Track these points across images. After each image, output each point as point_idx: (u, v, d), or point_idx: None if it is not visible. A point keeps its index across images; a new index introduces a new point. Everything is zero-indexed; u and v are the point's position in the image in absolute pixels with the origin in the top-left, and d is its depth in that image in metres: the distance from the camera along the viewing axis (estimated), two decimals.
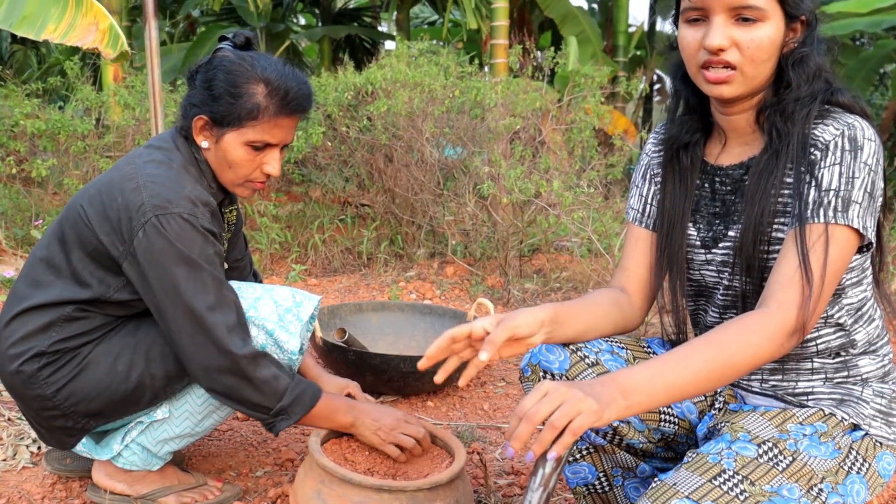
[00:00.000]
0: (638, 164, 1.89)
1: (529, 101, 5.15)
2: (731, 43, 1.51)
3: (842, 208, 1.45)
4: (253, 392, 1.86)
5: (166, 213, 1.82)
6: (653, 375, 1.36)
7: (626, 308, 1.79)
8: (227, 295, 1.88)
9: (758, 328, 1.41)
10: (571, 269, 5.09)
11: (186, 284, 1.82)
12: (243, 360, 1.83)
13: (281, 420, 1.91)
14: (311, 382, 1.97)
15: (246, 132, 1.94)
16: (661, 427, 1.75)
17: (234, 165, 1.97)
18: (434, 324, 3.45)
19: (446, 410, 2.96)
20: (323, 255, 5.40)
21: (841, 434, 1.55)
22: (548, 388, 1.31)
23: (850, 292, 1.60)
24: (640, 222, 1.84)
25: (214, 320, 1.83)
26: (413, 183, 5.43)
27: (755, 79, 1.54)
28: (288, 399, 1.89)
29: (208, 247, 1.86)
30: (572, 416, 1.26)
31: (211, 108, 1.94)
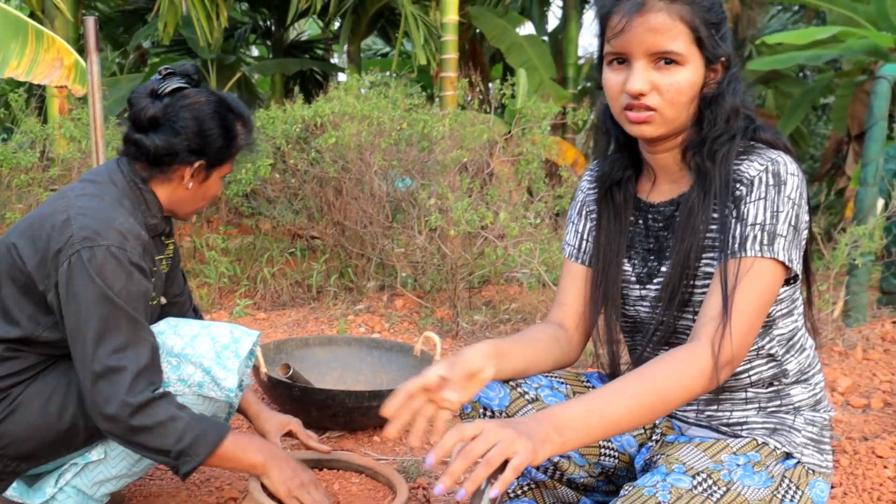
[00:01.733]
0: (573, 201, 1.92)
1: (477, 134, 5.19)
2: (652, 87, 1.54)
3: (767, 242, 1.48)
4: (148, 437, 1.79)
5: (93, 245, 1.79)
6: (587, 411, 1.37)
7: (564, 343, 1.81)
8: (141, 335, 1.83)
9: (689, 362, 1.44)
10: (521, 301, 5.11)
11: (98, 322, 1.78)
12: (134, 409, 1.76)
13: (184, 463, 1.82)
14: (218, 422, 1.90)
15: (225, 168, 2.07)
16: (602, 461, 1.76)
17: (207, 198, 2.09)
18: (381, 358, 3.44)
19: (392, 445, 2.94)
20: (272, 289, 5.36)
21: (774, 463, 1.58)
22: (481, 427, 1.30)
23: (781, 323, 1.63)
24: (575, 258, 1.86)
25: (122, 363, 1.77)
26: (362, 216, 5.43)
27: (676, 120, 1.58)
28: (187, 441, 1.81)
29: (132, 284, 1.83)
30: (505, 458, 1.26)
31: (209, 155, 2.01)
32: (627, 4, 1.53)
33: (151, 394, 1.80)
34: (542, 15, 14.12)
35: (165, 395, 1.84)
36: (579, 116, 6.00)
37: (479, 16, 10.38)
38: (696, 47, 1.54)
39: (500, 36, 10.00)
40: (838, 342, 4.41)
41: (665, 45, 1.52)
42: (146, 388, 1.80)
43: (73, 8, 8.30)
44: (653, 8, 1.51)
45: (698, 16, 1.52)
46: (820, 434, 1.66)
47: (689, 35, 1.52)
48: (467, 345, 4.25)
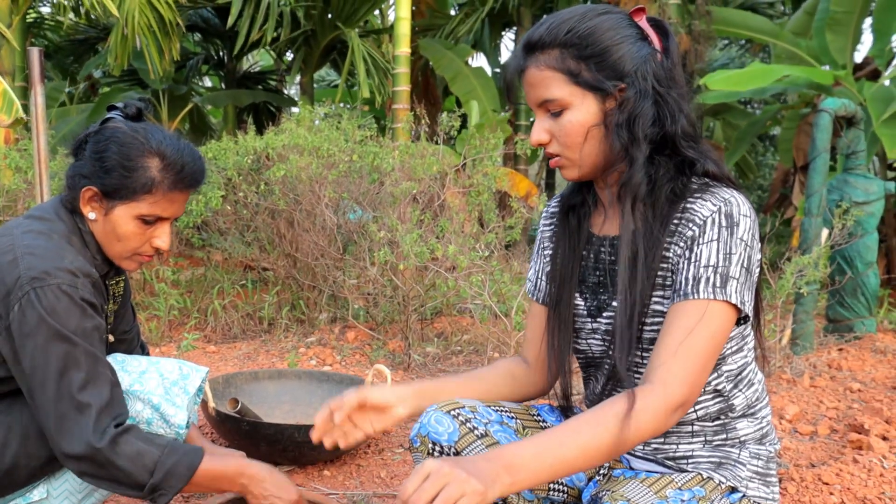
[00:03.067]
0: (536, 240, 1.95)
1: (427, 166, 5.21)
2: (550, 135, 1.61)
3: (720, 284, 1.49)
4: (120, 473, 1.77)
5: (44, 285, 1.75)
6: (539, 451, 1.38)
7: (522, 378, 1.84)
8: (101, 371, 1.81)
9: (642, 405, 1.43)
10: (473, 332, 5.11)
11: (56, 362, 1.75)
12: (102, 448, 1.74)
13: (159, 496, 1.81)
14: (190, 449, 1.87)
15: (138, 206, 1.90)
16: (551, 496, 1.77)
17: (123, 239, 1.93)
18: (332, 391, 3.42)
19: (343, 479, 2.92)
20: (223, 321, 5.30)
21: (719, 497, 1.58)
22: (430, 468, 1.31)
23: (730, 359, 1.64)
24: (534, 296, 1.89)
25: (84, 400, 1.75)
26: (314, 248, 5.41)
27: (585, 160, 1.61)
28: (159, 474, 1.79)
29: (86, 320, 1.80)
30: (455, 499, 1.27)
31: (102, 181, 1.89)
32: (512, 71, 1.64)
33: (116, 430, 1.77)
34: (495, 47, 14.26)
35: (131, 428, 1.80)
36: (527, 146, 6.05)
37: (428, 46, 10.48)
38: (576, 87, 1.56)
39: (447, 66, 10.10)
40: (786, 370, 4.47)
41: (542, 95, 1.58)
42: (110, 425, 1.77)
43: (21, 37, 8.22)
44: (528, 65, 1.59)
45: (569, 56, 1.55)
46: (766, 467, 1.68)
47: (563, 78, 1.56)
48: (419, 377, 4.26)
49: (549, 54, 1.56)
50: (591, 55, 1.55)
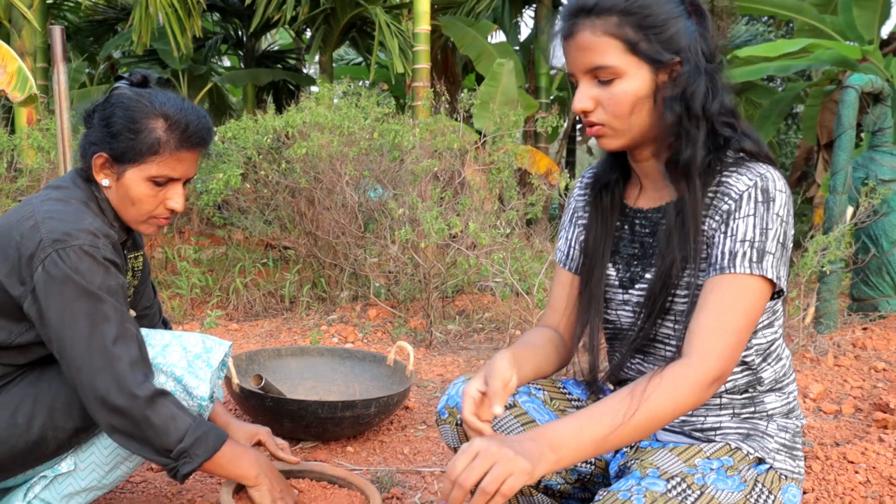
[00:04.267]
0: (566, 208, 1.94)
1: (447, 143, 5.19)
2: (595, 103, 1.57)
3: (756, 259, 1.49)
4: (152, 432, 1.78)
5: (66, 246, 1.78)
6: (580, 429, 1.38)
7: (561, 347, 1.83)
8: (128, 328, 1.83)
9: (680, 379, 1.44)
10: (494, 310, 5.11)
11: (88, 318, 1.77)
12: (141, 400, 1.76)
13: (184, 463, 1.82)
14: (215, 426, 1.90)
15: (148, 167, 1.91)
16: (579, 468, 1.77)
17: (137, 202, 1.95)
18: (354, 368, 3.43)
19: (366, 455, 2.93)
20: (245, 299, 5.33)
21: (746, 468, 1.58)
22: (478, 448, 1.32)
23: (760, 333, 1.64)
24: (565, 265, 1.88)
25: (117, 353, 1.77)
26: (335, 226, 5.41)
27: (630, 131, 1.59)
28: (189, 440, 1.81)
29: (110, 278, 1.82)
30: (504, 479, 1.28)
31: (111, 145, 1.91)
32: (560, 32, 1.59)
33: (154, 387, 1.80)
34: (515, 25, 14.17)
35: (166, 392, 1.83)
36: (548, 123, 6.02)
37: (449, 24, 10.41)
38: (633, 56, 1.54)
39: (470, 44, 10.04)
40: (809, 349, 4.44)
41: (595, 61, 1.54)
42: (146, 380, 1.79)
43: (42, 17, 8.23)
44: (580, 28, 1.55)
45: (629, 24, 1.52)
46: (792, 440, 1.67)
47: (620, 46, 1.53)
48: (441, 354, 4.26)
49: (606, 20, 1.53)
50: (651, 26, 1.53)
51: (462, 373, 3.98)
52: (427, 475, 2.75)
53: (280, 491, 1.98)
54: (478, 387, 1.53)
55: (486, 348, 4.50)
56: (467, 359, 4.26)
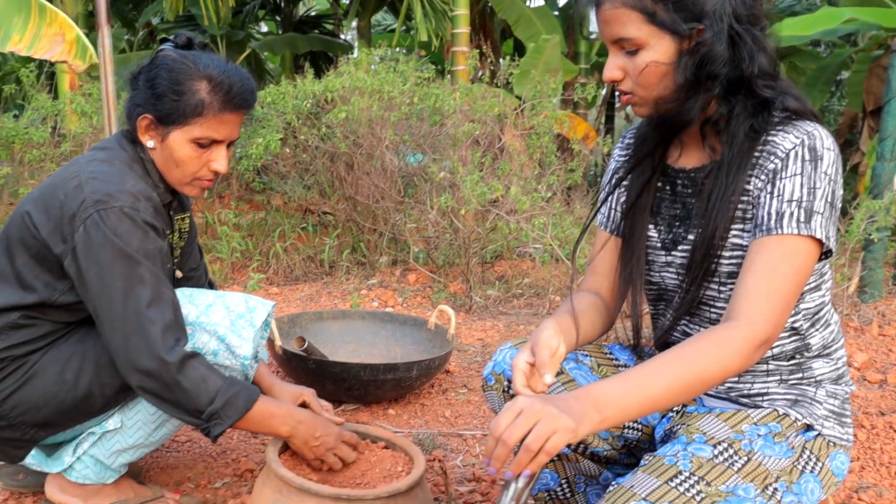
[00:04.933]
0: (607, 170, 1.91)
1: (488, 108, 5.16)
2: (624, 72, 1.56)
3: (804, 219, 1.46)
4: (182, 395, 1.81)
5: (106, 207, 1.80)
6: (625, 390, 1.37)
7: (604, 311, 1.81)
8: (164, 291, 1.85)
9: (727, 342, 1.42)
10: (533, 276, 5.10)
11: (122, 280, 1.79)
12: (172, 365, 1.78)
13: (215, 424, 1.85)
14: (248, 385, 1.91)
15: (191, 129, 1.93)
16: (625, 434, 1.76)
17: (181, 164, 1.96)
18: (395, 332, 3.44)
19: (407, 418, 2.95)
20: (284, 264, 5.36)
21: (794, 434, 1.56)
22: (522, 405, 1.31)
23: (808, 297, 1.61)
24: (605, 227, 1.86)
25: (150, 316, 1.79)
26: (374, 190, 5.42)
27: (657, 99, 1.57)
28: (220, 402, 1.83)
29: (148, 242, 1.84)
30: (548, 436, 1.28)
31: (155, 107, 1.93)
32: (588, 2, 1.59)
33: (185, 350, 1.82)
34: None
35: (197, 354, 1.85)
36: (588, 91, 5.96)
37: None
38: (653, 26, 1.51)
39: (509, 8, 9.91)
40: (854, 318, 4.39)
41: (617, 33, 1.53)
42: (177, 345, 1.81)
43: None
44: (602, 1, 1.54)
45: None
46: (841, 407, 1.65)
47: (639, 17, 1.51)
48: (481, 319, 4.27)
49: None
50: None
51: (502, 338, 3.98)
52: (468, 438, 2.76)
53: (318, 439, 1.97)
54: (526, 358, 1.53)
55: (526, 314, 4.50)
56: (507, 324, 4.26)
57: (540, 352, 1.51)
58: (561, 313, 1.72)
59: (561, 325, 1.63)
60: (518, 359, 1.53)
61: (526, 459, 1.29)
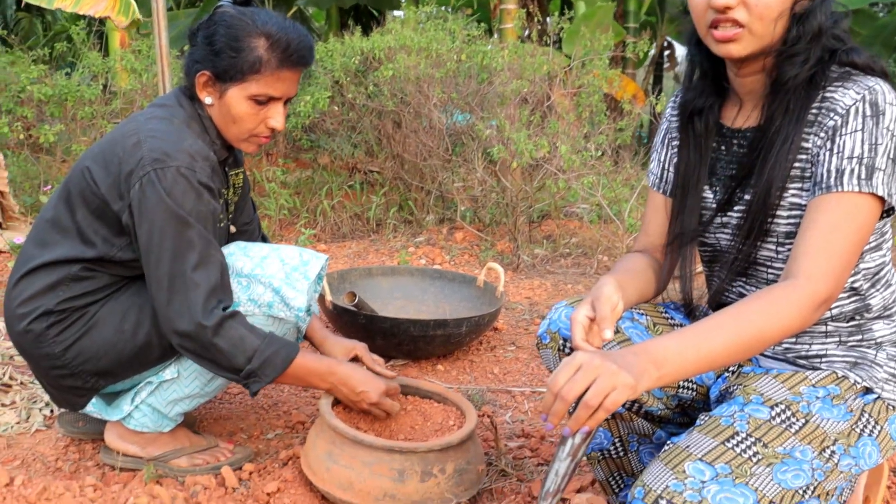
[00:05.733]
0: (658, 130, 1.88)
1: (537, 66, 5.10)
2: (739, 1, 1.47)
3: (865, 176, 1.42)
4: (219, 355, 1.85)
5: (163, 166, 1.82)
6: (685, 346, 1.35)
7: (658, 272, 1.80)
8: (212, 254, 1.87)
9: (787, 301, 1.40)
10: (581, 235, 5.07)
11: (172, 241, 1.82)
12: (209, 328, 1.82)
13: (253, 382, 1.90)
14: (287, 343, 1.94)
15: (249, 86, 1.93)
16: (680, 393, 1.75)
17: (239, 120, 1.97)
18: (444, 288, 3.45)
19: (456, 374, 2.96)
20: (332, 221, 5.39)
21: (853, 397, 1.54)
22: (581, 361, 1.31)
23: (868, 257, 1.58)
24: (658, 188, 1.84)
25: (195, 280, 1.82)
26: (422, 148, 5.41)
27: (764, 37, 1.50)
28: (257, 362, 1.87)
29: (201, 204, 1.86)
30: (607, 392, 1.27)
31: (213, 63, 1.93)
32: None
33: (223, 312, 1.84)
34: None
35: (236, 314, 1.88)
36: (640, 48, 5.86)
37: None
38: None
39: None
40: None
41: None
42: (218, 307, 1.84)
43: None
44: None
45: None
46: None
47: None
48: (528, 278, 4.26)
49: None
50: None
51: (549, 297, 3.98)
52: (517, 395, 2.77)
53: (359, 394, 2.02)
54: (586, 312, 1.52)
55: (574, 273, 4.48)
56: (554, 283, 4.25)
57: (601, 307, 1.50)
58: (618, 271, 1.71)
59: (619, 282, 1.61)
60: (578, 312, 1.52)
61: (584, 416, 1.29)
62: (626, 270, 1.73)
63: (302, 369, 1.95)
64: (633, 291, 1.68)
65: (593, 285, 1.64)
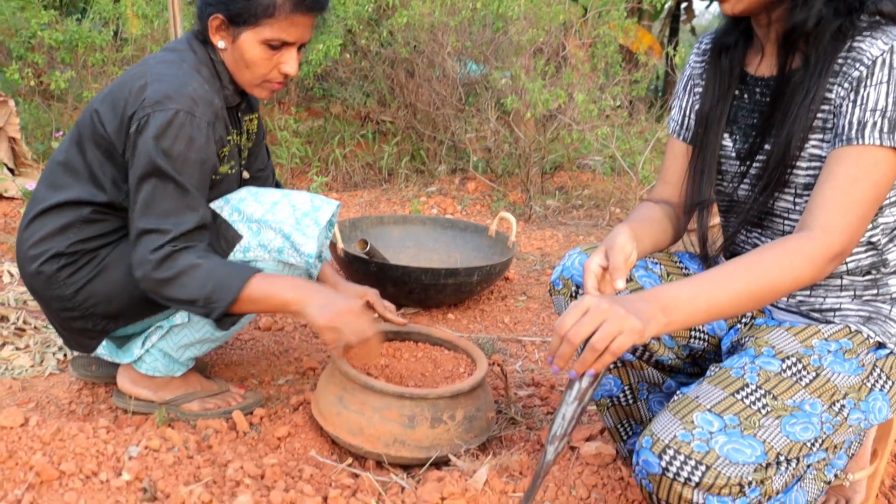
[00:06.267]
0: (681, 77, 1.86)
1: (553, 15, 5.03)
2: None
3: (888, 129, 1.40)
4: (173, 288, 1.81)
5: (162, 108, 1.80)
6: (695, 294, 1.35)
7: (675, 220, 1.79)
8: (189, 204, 1.83)
9: (800, 252, 1.39)
10: (594, 187, 5.05)
11: (148, 190, 1.80)
12: (155, 263, 1.79)
13: (212, 309, 1.82)
14: (242, 265, 1.88)
15: (262, 31, 1.90)
16: (691, 343, 1.75)
17: (252, 65, 1.94)
18: (456, 237, 3.44)
19: (467, 323, 2.97)
20: (343, 170, 5.37)
21: (865, 351, 1.54)
22: (588, 304, 1.30)
23: (888, 211, 1.56)
24: (678, 135, 1.81)
25: (162, 227, 1.80)
26: (435, 97, 5.36)
27: None
28: (211, 286, 1.80)
29: (192, 150, 1.83)
30: (614, 336, 1.27)
31: (226, 7, 1.90)
32: None
33: (172, 248, 1.81)
34: None
35: (189, 248, 1.83)
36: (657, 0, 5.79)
37: None
38: None
39: None
40: None
41: None
42: (176, 245, 1.81)
43: None
44: None
45: None
46: None
47: None
48: (540, 229, 4.25)
49: None
50: None
51: (561, 248, 3.97)
52: (528, 344, 2.78)
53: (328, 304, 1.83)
54: (599, 261, 1.51)
55: (586, 225, 4.47)
56: (566, 234, 4.24)
57: (614, 256, 1.49)
58: (633, 220, 1.70)
59: (634, 231, 1.60)
60: (591, 261, 1.51)
61: (591, 359, 1.29)
62: (642, 219, 1.72)
63: (262, 288, 1.83)
64: (648, 241, 1.67)
65: (607, 235, 1.63)
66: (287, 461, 1.92)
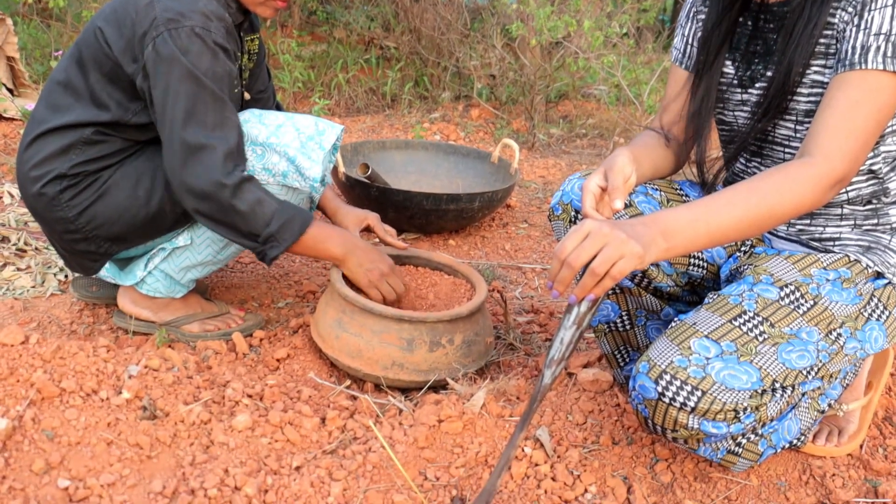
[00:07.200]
0: (684, 6, 1.82)
1: None
2: None
3: (892, 54, 1.37)
4: (238, 218, 1.83)
5: (178, 26, 1.77)
6: (696, 218, 1.34)
7: (676, 149, 1.77)
8: (228, 117, 1.84)
9: (801, 177, 1.37)
10: (598, 117, 5.01)
11: (187, 101, 1.78)
12: (228, 188, 1.79)
13: (270, 247, 1.88)
14: (302, 210, 1.93)
15: None
16: (690, 271, 1.75)
17: None
18: (458, 163, 3.42)
19: (468, 249, 2.97)
20: (346, 95, 5.32)
21: (864, 281, 1.54)
22: (589, 228, 1.29)
23: (890, 140, 1.54)
24: (681, 63, 1.79)
25: (211, 142, 1.79)
26: (440, 22, 5.28)
27: None
28: (276, 225, 1.85)
29: (217, 64, 1.81)
30: (614, 261, 1.26)
31: None
32: None
33: (242, 174, 1.82)
34: None
35: (253, 178, 1.86)
36: None
37: None
38: None
39: None
40: None
41: None
42: (235, 170, 1.82)
43: None
44: None
45: None
46: None
47: None
48: (543, 157, 4.22)
49: None
50: None
51: (564, 176, 3.95)
52: (528, 271, 2.78)
53: (371, 261, 2.01)
54: (598, 182, 1.50)
55: (589, 154, 4.44)
56: (569, 163, 4.22)
57: (613, 176, 1.48)
58: (634, 145, 1.69)
59: (635, 154, 1.59)
60: (590, 181, 1.50)
61: (591, 283, 1.29)
62: (643, 145, 1.71)
63: (319, 234, 1.94)
64: (648, 166, 1.66)
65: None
66: (286, 382, 1.94)
